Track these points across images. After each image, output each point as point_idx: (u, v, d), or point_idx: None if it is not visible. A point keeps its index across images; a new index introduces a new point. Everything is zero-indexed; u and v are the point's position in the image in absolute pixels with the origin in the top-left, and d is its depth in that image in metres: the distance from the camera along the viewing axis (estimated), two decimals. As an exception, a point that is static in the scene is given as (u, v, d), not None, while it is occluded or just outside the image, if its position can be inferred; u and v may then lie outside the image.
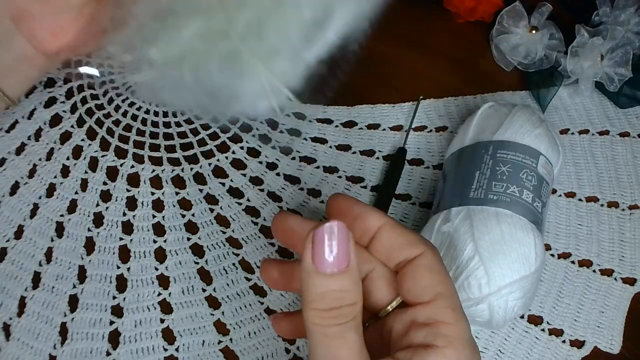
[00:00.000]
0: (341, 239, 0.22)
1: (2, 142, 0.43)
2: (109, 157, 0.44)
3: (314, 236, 0.22)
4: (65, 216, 0.41)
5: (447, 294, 0.25)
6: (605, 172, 0.46)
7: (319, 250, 0.22)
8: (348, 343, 0.23)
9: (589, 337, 0.39)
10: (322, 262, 0.22)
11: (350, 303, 0.23)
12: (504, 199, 0.36)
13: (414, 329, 0.24)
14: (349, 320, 0.23)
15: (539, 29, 0.49)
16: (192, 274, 0.40)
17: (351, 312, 0.23)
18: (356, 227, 0.26)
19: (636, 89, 0.49)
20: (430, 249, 0.25)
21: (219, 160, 0.45)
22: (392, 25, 0.53)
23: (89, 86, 0.47)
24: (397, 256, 0.25)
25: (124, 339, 0.37)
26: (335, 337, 0.23)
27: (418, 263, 0.25)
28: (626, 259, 0.42)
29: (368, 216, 0.26)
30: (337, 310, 0.23)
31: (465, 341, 0.24)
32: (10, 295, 0.38)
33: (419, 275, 0.25)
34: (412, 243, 0.25)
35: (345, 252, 0.22)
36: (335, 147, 0.46)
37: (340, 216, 0.26)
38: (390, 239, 0.25)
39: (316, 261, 0.22)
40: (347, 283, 0.23)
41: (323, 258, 0.22)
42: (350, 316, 0.23)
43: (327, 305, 0.23)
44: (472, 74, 0.51)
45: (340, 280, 0.23)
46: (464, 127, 0.42)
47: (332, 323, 0.23)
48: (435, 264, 0.25)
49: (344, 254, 0.22)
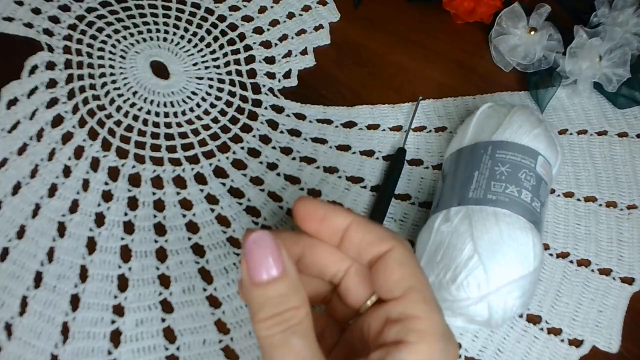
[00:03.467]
0: (267, 247, 0.23)
1: (4, 142, 0.43)
2: (110, 158, 0.44)
3: (244, 250, 0.23)
4: (67, 216, 0.41)
5: (418, 287, 0.24)
6: (604, 172, 0.46)
7: (250, 263, 0.23)
8: (294, 349, 0.22)
9: (588, 336, 0.40)
10: (255, 274, 0.23)
11: (290, 307, 0.23)
12: (503, 199, 0.36)
13: (388, 326, 0.24)
14: (292, 326, 0.23)
15: (537, 30, 0.49)
16: (193, 274, 0.40)
17: (293, 316, 0.23)
18: (324, 228, 0.26)
19: (634, 89, 0.49)
20: (400, 242, 0.25)
21: (220, 161, 0.45)
22: (392, 27, 0.53)
23: (91, 87, 0.47)
24: (368, 253, 0.25)
25: (125, 338, 0.37)
26: (279, 345, 0.23)
27: (388, 258, 0.25)
28: (624, 258, 0.43)
29: (334, 216, 0.26)
30: (279, 316, 0.23)
31: (438, 334, 0.23)
32: (12, 295, 0.38)
33: (389, 270, 0.25)
34: (382, 239, 0.25)
35: (276, 259, 0.23)
36: (335, 147, 0.46)
37: (307, 220, 0.26)
38: (359, 236, 0.25)
39: (250, 273, 0.23)
40: (284, 288, 0.23)
41: (255, 269, 0.23)
42: (294, 321, 0.23)
43: (268, 314, 0.23)
44: (471, 74, 0.51)
45: (277, 286, 0.23)
46: (463, 127, 0.43)
47: (276, 331, 0.23)
48: (406, 258, 0.25)
49: (274, 262, 0.23)
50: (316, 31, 0.52)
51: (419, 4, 0.54)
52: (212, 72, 0.49)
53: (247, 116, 0.47)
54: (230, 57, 0.50)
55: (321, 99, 0.48)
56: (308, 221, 0.25)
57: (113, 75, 0.48)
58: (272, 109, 0.48)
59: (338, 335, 0.28)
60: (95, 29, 0.50)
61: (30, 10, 0.50)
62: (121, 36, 0.50)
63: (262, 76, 0.49)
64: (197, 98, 0.48)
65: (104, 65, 0.48)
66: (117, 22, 0.50)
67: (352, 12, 0.54)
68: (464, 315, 0.35)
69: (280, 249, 0.23)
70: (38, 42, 0.48)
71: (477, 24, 0.54)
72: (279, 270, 0.23)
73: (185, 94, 0.48)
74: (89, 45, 0.49)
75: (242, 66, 0.50)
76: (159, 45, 0.50)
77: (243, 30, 0.52)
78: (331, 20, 0.53)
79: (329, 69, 0.50)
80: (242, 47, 0.51)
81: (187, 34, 0.51)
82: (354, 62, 0.51)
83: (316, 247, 0.26)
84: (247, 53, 0.51)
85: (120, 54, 0.49)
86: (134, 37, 0.50)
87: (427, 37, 0.53)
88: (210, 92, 0.48)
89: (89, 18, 0.50)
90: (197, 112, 0.47)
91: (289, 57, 0.51)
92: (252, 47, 0.51)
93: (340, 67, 0.50)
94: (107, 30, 0.50)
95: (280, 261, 0.23)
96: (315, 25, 0.53)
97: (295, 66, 0.50)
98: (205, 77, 0.49)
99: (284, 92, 0.49)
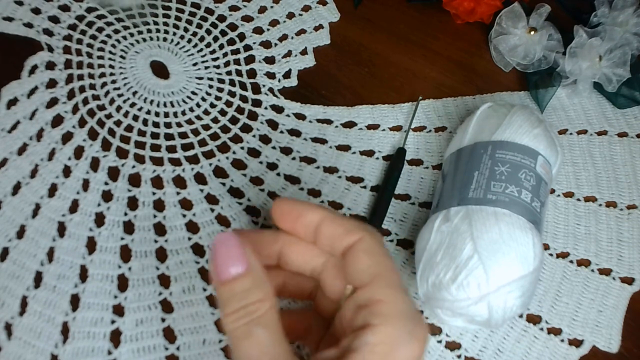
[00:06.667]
0: (231, 246, 0.24)
1: (4, 142, 0.43)
2: (110, 157, 0.44)
3: (211, 250, 0.25)
4: (67, 216, 0.41)
5: (384, 274, 0.26)
6: (604, 172, 0.46)
7: (216, 262, 0.24)
8: (256, 340, 0.24)
9: (588, 336, 0.40)
10: (221, 271, 0.24)
11: (254, 300, 0.24)
12: (503, 199, 0.36)
13: (357, 312, 0.25)
14: (255, 318, 0.24)
15: (537, 30, 0.49)
16: (193, 274, 0.40)
17: (257, 309, 0.24)
18: (299, 225, 0.27)
19: (634, 89, 0.49)
20: (368, 233, 0.26)
21: (220, 161, 0.45)
22: (392, 27, 0.53)
23: (91, 87, 0.47)
24: (339, 245, 0.27)
25: (125, 337, 0.37)
26: (244, 337, 0.24)
27: (357, 248, 0.26)
28: (624, 258, 0.43)
29: (307, 213, 0.27)
30: (243, 309, 0.24)
31: (402, 316, 0.25)
32: (12, 295, 0.38)
33: (358, 259, 0.26)
34: (351, 230, 0.26)
35: (239, 256, 0.24)
36: (335, 147, 0.46)
37: (283, 219, 0.28)
38: (330, 230, 0.27)
39: (217, 271, 0.24)
40: (248, 283, 0.24)
41: (221, 267, 0.24)
42: (257, 313, 0.24)
43: (233, 308, 0.24)
44: (471, 74, 0.51)
45: (241, 282, 0.24)
46: (462, 127, 0.43)
47: (240, 324, 0.24)
48: (373, 247, 0.26)
49: (238, 259, 0.24)
50: (316, 31, 0.52)
51: (419, 4, 0.54)
52: (212, 72, 0.49)
53: (247, 116, 0.47)
54: (230, 57, 0.50)
55: (321, 99, 0.49)
56: (284, 220, 0.27)
57: (113, 75, 0.48)
58: (272, 109, 0.48)
59: (324, 329, 0.29)
60: (95, 29, 0.50)
61: (30, 10, 0.50)
62: (121, 36, 0.50)
63: (262, 76, 0.49)
64: (197, 98, 0.48)
65: (104, 65, 0.48)
66: (117, 22, 0.50)
67: (352, 12, 0.54)
68: (464, 315, 0.35)
69: (243, 248, 0.25)
70: (38, 42, 0.48)
71: (477, 24, 0.54)
72: (243, 267, 0.24)
73: (185, 94, 0.48)
74: (89, 45, 0.49)
75: (242, 66, 0.50)
76: (159, 45, 0.50)
77: (243, 30, 0.52)
78: (331, 20, 0.53)
79: (329, 69, 0.50)
80: (242, 47, 0.51)
81: (187, 34, 0.51)
82: (354, 62, 0.51)
83: (294, 244, 0.28)
84: (247, 53, 0.51)
85: (120, 54, 0.49)
86: (134, 37, 0.50)
87: (427, 37, 0.53)
88: (210, 92, 0.48)
89: (89, 18, 0.50)
90: (197, 112, 0.47)
91: (289, 57, 0.51)
92: (252, 47, 0.51)
93: (340, 67, 0.50)
94: (107, 30, 0.50)
95: (244, 259, 0.24)
96: (315, 25, 0.53)
97: (295, 66, 0.50)
98: (205, 77, 0.49)
99: (284, 92, 0.49)
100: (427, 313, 0.40)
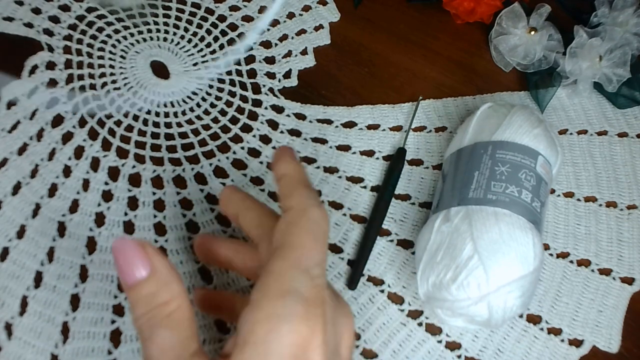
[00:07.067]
0: (130, 251, 0.24)
1: (4, 142, 0.43)
2: (110, 157, 0.44)
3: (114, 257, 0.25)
4: (67, 216, 0.41)
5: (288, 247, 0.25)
6: (604, 172, 0.46)
7: (119, 269, 0.25)
8: (157, 341, 0.24)
9: (588, 336, 0.40)
10: (126, 276, 0.24)
11: (159, 303, 0.24)
12: (503, 199, 0.36)
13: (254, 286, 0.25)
14: (160, 320, 0.24)
15: (537, 30, 0.49)
16: (193, 273, 0.40)
17: (163, 311, 0.24)
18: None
19: (634, 89, 0.49)
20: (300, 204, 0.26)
21: (220, 161, 0.45)
22: (392, 27, 0.53)
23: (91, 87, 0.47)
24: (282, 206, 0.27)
25: (125, 337, 0.37)
26: (147, 339, 0.24)
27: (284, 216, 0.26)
28: (624, 258, 0.43)
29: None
30: (150, 312, 0.24)
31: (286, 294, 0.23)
32: (12, 295, 0.38)
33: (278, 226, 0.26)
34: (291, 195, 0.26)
35: (141, 260, 0.24)
36: (335, 147, 0.46)
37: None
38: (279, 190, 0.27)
39: (122, 277, 0.25)
40: (153, 286, 0.24)
41: (125, 273, 0.24)
42: (162, 314, 0.24)
43: (140, 312, 0.24)
44: (471, 74, 0.51)
45: (146, 286, 0.24)
46: (463, 127, 0.43)
47: (146, 326, 0.24)
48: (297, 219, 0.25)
49: (141, 263, 0.24)
50: (316, 31, 0.52)
51: (419, 4, 0.54)
52: (212, 72, 0.49)
53: (247, 116, 0.47)
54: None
55: (321, 99, 0.49)
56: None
57: (113, 75, 0.48)
58: (272, 109, 0.48)
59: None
60: (95, 28, 0.50)
61: (30, 10, 0.50)
62: (121, 36, 0.50)
63: (262, 76, 0.49)
64: (197, 98, 0.48)
65: (104, 65, 0.48)
66: (117, 22, 0.50)
67: (352, 12, 0.54)
68: (464, 315, 0.35)
69: (144, 250, 0.25)
70: (38, 42, 0.48)
71: (477, 24, 0.54)
72: (146, 271, 0.24)
73: (185, 93, 0.48)
74: (89, 45, 0.49)
75: (242, 66, 0.50)
76: (159, 45, 0.50)
77: (243, 30, 0.52)
78: (331, 20, 0.53)
79: (329, 69, 0.50)
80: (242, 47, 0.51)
81: (188, 34, 0.51)
82: (354, 62, 0.51)
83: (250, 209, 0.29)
84: (247, 53, 0.51)
85: (120, 54, 0.49)
86: (134, 37, 0.50)
87: (427, 37, 0.53)
88: (210, 92, 0.48)
89: (89, 18, 0.50)
90: (197, 112, 0.47)
91: (289, 57, 0.51)
92: (252, 47, 0.51)
93: (340, 67, 0.50)
94: (107, 30, 0.50)
95: (147, 262, 0.25)
96: (316, 25, 0.53)
97: (295, 66, 0.50)
98: (205, 77, 0.49)
99: (284, 92, 0.49)
100: (428, 313, 0.40)
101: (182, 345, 0.24)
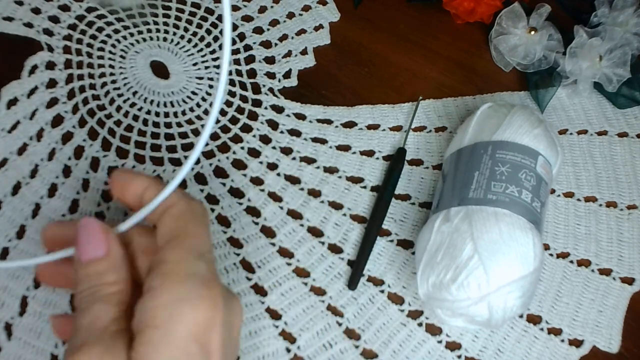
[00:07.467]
0: (92, 231, 0.26)
1: (4, 142, 0.43)
2: (110, 157, 0.44)
3: (76, 233, 0.26)
4: (67, 216, 0.41)
5: (181, 237, 0.26)
6: (604, 172, 0.46)
7: (79, 244, 0.26)
8: (92, 311, 0.24)
9: (588, 336, 0.40)
10: (82, 253, 0.25)
11: (104, 282, 0.25)
12: (503, 199, 0.36)
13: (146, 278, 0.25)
14: (101, 296, 0.25)
15: (537, 30, 0.49)
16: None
17: (106, 289, 0.25)
18: (128, 193, 0.28)
19: (634, 89, 0.49)
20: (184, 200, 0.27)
21: (220, 161, 0.45)
22: (392, 27, 0.53)
23: (91, 87, 0.47)
24: (158, 210, 0.27)
25: (126, 338, 0.37)
26: (83, 309, 0.25)
27: (167, 212, 0.27)
28: (624, 258, 0.43)
29: (134, 182, 0.28)
30: (93, 287, 0.25)
31: (185, 277, 0.24)
32: (12, 295, 0.38)
33: (163, 222, 0.26)
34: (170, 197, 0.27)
35: (100, 241, 0.26)
36: (335, 147, 0.46)
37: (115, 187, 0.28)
38: (152, 198, 0.27)
39: (78, 253, 0.26)
40: (104, 266, 0.25)
41: (83, 249, 0.26)
42: (104, 292, 0.25)
43: (84, 287, 0.25)
44: (471, 74, 0.51)
45: (98, 265, 0.25)
46: (463, 127, 0.43)
47: (86, 299, 0.25)
48: (183, 213, 0.27)
49: (98, 244, 0.25)
50: (316, 31, 0.52)
51: (419, 4, 0.54)
52: (212, 72, 0.49)
53: (247, 116, 0.47)
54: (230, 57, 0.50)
55: (321, 99, 0.48)
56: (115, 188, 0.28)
57: (113, 75, 0.48)
58: (272, 109, 0.48)
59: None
60: (95, 28, 0.50)
61: (30, 10, 0.50)
62: (121, 36, 0.50)
63: (262, 76, 0.49)
64: (197, 98, 0.48)
65: (104, 65, 0.48)
66: (117, 22, 0.50)
67: (352, 12, 0.54)
68: (464, 315, 0.35)
69: (105, 233, 0.26)
70: (38, 42, 0.48)
71: (477, 24, 0.54)
72: (103, 251, 0.25)
73: (185, 94, 0.48)
74: (89, 45, 0.49)
75: (242, 66, 0.50)
76: (159, 45, 0.50)
77: (243, 30, 0.52)
78: (331, 20, 0.53)
79: (329, 69, 0.50)
80: (242, 47, 0.51)
81: (187, 33, 0.51)
82: (354, 62, 0.51)
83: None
84: (247, 53, 0.51)
85: (120, 54, 0.49)
86: (134, 37, 0.50)
87: (427, 37, 0.53)
88: (211, 92, 0.48)
89: (89, 18, 0.50)
90: (197, 112, 0.47)
91: (289, 57, 0.51)
92: (252, 47, 0.51)
93: (340, 67, 0.50)
94: (107, 30, 0.50)
95: (105, 244, 0.26)
96: (315, 25, 0.53)
97: (295, 66, 0.50)
98: (205, 77, 0.49)
99: (284, 92, 0.49)
100: (428, 313, 0.40)
101: (112, 321, 0.24)
